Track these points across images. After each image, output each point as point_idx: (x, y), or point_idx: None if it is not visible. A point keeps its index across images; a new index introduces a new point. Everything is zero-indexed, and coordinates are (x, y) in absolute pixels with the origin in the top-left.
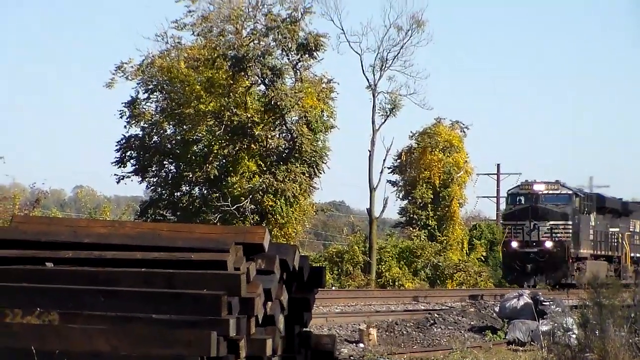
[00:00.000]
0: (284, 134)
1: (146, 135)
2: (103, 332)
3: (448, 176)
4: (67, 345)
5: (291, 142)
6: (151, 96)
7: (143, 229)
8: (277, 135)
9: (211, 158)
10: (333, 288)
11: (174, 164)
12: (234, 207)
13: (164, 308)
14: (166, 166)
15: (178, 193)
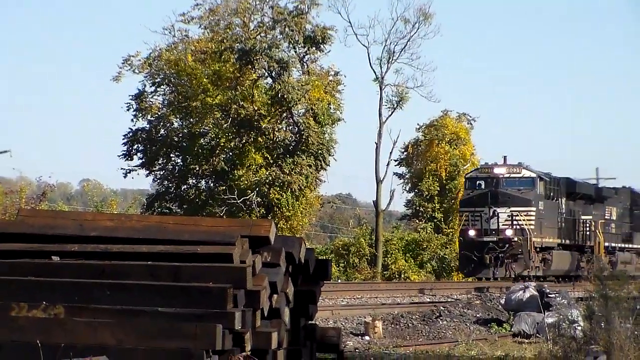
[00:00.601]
0: (291, 127)
1: (153, 128)
2: (109, 326)
3: (455, 168)
4: (73, 338)
5: (298, 135)
6: (158, 89)
7: (149, 222)
8: (284, 128)
9: (218, 151)
10: (339, 281)
11: (181, 157)
12: (241, 200)
13: (170, 301)
14: (173, 159)
15: (185, 186)
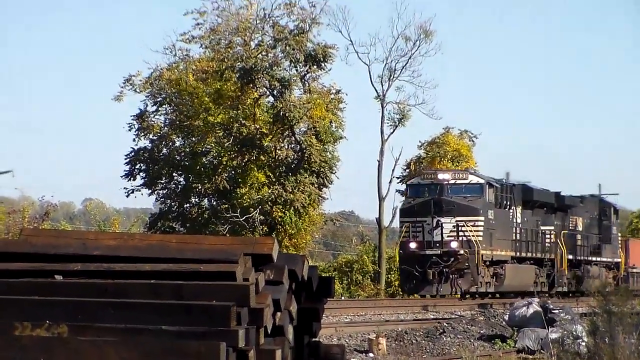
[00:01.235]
0: (293, 145)
1: (155, 147)
2: (113, 344)
3: None
4: (77, 357)
5: (300, 153)
6: (160, 109)
7: (152, 241)
8: (286, 146)
9: (220, 169)
10: (342, 298)
11: (183, 176)
12: (243, 218)
13: (173, 319)
14: (175, 178)
15: (187, 205)
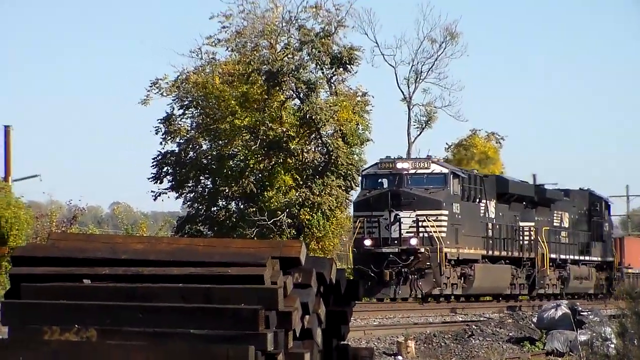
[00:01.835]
0: (320, 148)
1: (182, 151)
2: (141, 348)
3: None
4: None
5: (327, 156)
6: (186, 112)
7: (179, 245)
8: (313, 149)
9: (247, 173)
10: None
11: (210, 179)
12: (271, 222)
13: (202, 323)
14: (202, 181)
15: (215, 208)
